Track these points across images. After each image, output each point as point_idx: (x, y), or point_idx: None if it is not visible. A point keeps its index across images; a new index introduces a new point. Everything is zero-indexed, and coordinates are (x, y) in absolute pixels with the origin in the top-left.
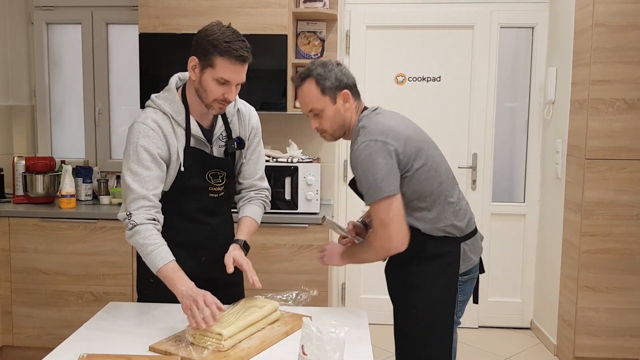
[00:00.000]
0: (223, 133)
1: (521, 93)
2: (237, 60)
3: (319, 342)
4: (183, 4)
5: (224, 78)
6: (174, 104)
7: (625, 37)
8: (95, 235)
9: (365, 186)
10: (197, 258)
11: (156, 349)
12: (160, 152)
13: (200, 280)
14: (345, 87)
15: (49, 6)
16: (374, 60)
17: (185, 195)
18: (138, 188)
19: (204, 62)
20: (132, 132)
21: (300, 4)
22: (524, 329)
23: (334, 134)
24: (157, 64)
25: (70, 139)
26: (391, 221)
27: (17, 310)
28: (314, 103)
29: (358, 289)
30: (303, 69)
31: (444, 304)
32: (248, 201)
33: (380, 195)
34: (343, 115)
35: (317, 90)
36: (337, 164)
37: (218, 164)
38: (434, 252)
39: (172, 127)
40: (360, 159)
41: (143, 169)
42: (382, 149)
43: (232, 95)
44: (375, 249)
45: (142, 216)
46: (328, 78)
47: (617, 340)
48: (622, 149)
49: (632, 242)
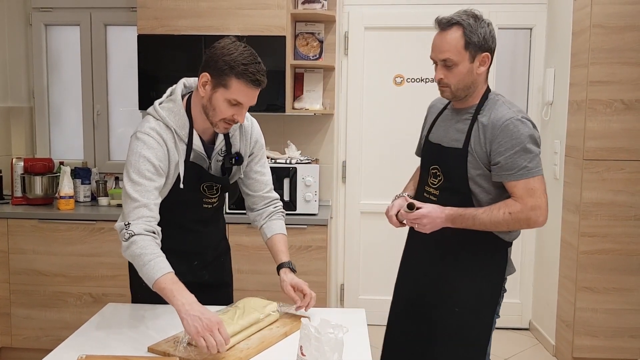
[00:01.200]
0: (223, 148)
1: (519, 94)
2: (253, 84)
3: (317, 343)
4: (181, 5)
5: (237, 100)
6: (178, 118)
7: (622, 38)
8: (93, 236)
9: (524, 159)
10: (189, 263)
11: (155, 350)
12: (162, 164)
13: (191, 284)
14: (488, 50)
15: (47, 7)
16: (373, 61)
17: (179, 206)
18: (139, 197)
19: (218, 80)
20: (136, 142)
21: (299, 5)
22: (523, 329)
23: (456, 92)
24: (156, 65)
25: (68, 140)
26: (544, 195)
27: (16, 312)
28: (452, 54)
29: (357, 290)
30: (452, 14)
31: (490, 304)
32: (269, 218)
33: (540, 171)
34: (475, 77)
35: (461, 41)
36: (336, 165)
37: (213, 176)
38: (486, 251)
39: (175, 141)
40: (521, 132)
41: (145, 180)
42: (535, 131)
43: (242, 117)
44: (518, 221)
45: (140, 227)
46: (477, 33)
47: (616, 340)
48: (620, 149)
49: (630, 242)
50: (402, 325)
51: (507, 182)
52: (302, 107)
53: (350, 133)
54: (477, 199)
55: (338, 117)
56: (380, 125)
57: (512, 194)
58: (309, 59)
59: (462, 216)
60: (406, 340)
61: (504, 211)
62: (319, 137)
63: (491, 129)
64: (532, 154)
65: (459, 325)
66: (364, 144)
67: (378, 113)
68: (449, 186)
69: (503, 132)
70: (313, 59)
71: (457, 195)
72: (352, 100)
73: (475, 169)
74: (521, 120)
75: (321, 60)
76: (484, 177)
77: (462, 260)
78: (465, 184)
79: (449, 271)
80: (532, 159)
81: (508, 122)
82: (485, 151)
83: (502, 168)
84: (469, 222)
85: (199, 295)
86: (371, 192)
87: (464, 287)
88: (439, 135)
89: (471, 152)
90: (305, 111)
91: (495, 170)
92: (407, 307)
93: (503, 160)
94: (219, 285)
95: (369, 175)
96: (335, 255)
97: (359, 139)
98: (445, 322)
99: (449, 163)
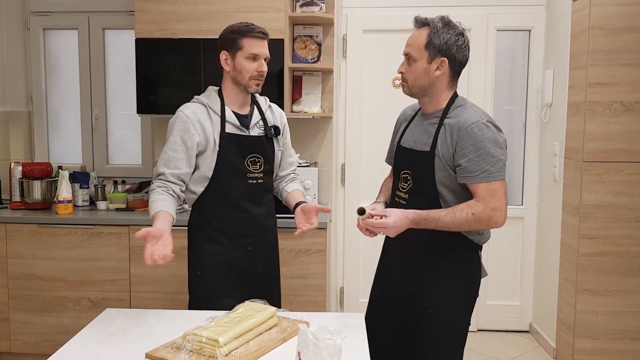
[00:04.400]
0: (260, 122)
1: (518, 96)
2: (259, 35)
3: (315, 349)
4: (179, 9)
5: (253, 53)
6: (210, 97)
7: (621, 40)
8: (92, 240)
9: (487, 162)
10: (244, 247)
11: (153, 356)
12: (193, 137)
13: (246, 270)
14: (447, 56)
15: (45, 12)
16: (371, 63)
17: (227, 179)
18: (160, 166)
19: (233, 48)
20: (173, 119)
21: (297, 8)
22: (523, 332)
23: (412, 89)
24: (154, 69)
25: (67, 144)
26: (504, 198)
27: (15, 317)
28: (413, 49)
29: (357, 293)
30: (433, 16)
31: (464, 306)
32: (292, 180)
33: (502, 175)
34: (431, 79)
35: (424, 40)
36: (335, 168)
37: (255, 146)
38: (458, 253)
39: (208, 114)
40: (485, 135)
41: (171, 151)
42: (500, 135)
43: (264, 67)
44: (480, 221)
45: (158, 189)
46: (440, 36)
47: (616, 343)
48: (620, 151)
49: (630, 244)
50: (379, 328)
51: (470, 183)
52: (301, 110)
53: (349, 136)
54: (444, 200)
55: (337, 119)
56: (379, 128)
57: (474, 195)
58: (308, 61)
59: (425, 220)
60: (385, 343)
61: (467, 212)
62: (317, 140)
63: (457, 132)
64: (495, 158)
65: (433, 326)
66: (363, 147)
67: (377, 115)
68: (417, 189)
69: (467, 135)
70: (311, 62)
71: (425, 197)
72: (350, 103)
73: (441, 171)
74: (486, 124)
75: (319, 63)
76: (451, 179)
77: (434, 263)
78: (432, 187)
79: (421, 274)
80: (495, 163)
81: (473, 125)
82: (451, 153)
83: (465, 170)
84: (432, 225)
85: (254, 286)
86: (370, 195)
87: (437, 290)
88: (410, 140)
89: (438, 155)
90: (303, 114)
91: (458, 172)
92: (381, 310)
93: (466, 162)
94: (270, 278)
95: (368, 178)
96: (335, 258)
97: (358, 141)
98: (419, 325)
99: (418, 167)
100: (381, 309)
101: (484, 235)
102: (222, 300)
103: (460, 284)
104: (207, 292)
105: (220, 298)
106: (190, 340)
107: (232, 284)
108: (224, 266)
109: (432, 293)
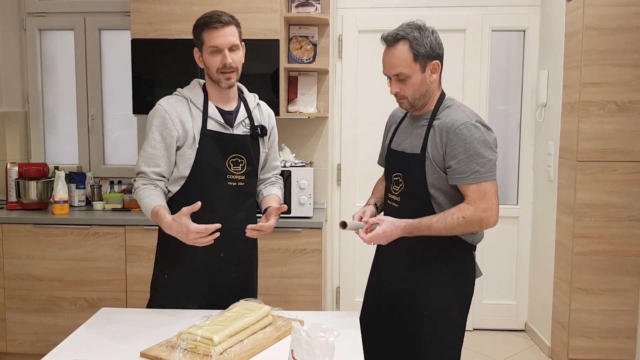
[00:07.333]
0: (246, 120)
1: (513, 96)
2: (216, 25)
3: (308, 347)
4: (175, 9)
5: (212, 45)
6: (193, 91)
7: (615, 40)
8: (88, 241)
9: (476, 163)
10: (216, 253)
11: (147, 354)
12: (172, 133)
13: (217, 277)
14: (437, 58)
15: (41, 12)
16: (367, 64)
17: (204, 180)
18: (141, 164)
19: (199, 44)
20: (152, 112)
21: (292, 8)
22: (518, 331)
23: (414, 102)
24: (150, 69)
25: (63, 144)
26: (495, 198)
27: (11, 317)
28: (403, 68)
29: (353, 293)
30: (396, 29)
31: (459, 307)
32: (271, 184)
33: (492, 175)
34: (428, 85)
35: (410, 54)
36: (331, 168)
37: (238, 145)
38: (453, 255)
39: (189, 108)
40: (474, 136)
41: (150, 148)
42: (489, 135)
43: (228, 59)
44: (471, 223)
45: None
46: (423, 44)
47: (611, 341)
48: (614, 151)
49: (624, 243)
50: (374, 331)
51: (460, 185)
52: (296, 110)
53: (344, 136)
54: (436, 202)
55: (332, 120)
56: (375, 128)
57: (465, 196)
58: (303, 62)
59: (417, 228)
60: (381, 346)
61: (458, 216)
62: (313, 140)
63: (446, 133)
64: (485, 158)
65: (429, 328)
66: (359, 147)
67: (372, 116)
68: (409, 192)
69: (456, 136)
70: (307, 62)
71: (417, 200)
72: (346, 103)
73: (432, 173)
74: (474, 125)
75: (315, 63)
76: (442, 181)
77: (429, 265)
78: (424, 189)
79: (415, 275)
80: (485, 163)
81: (462, 126)
82: (441, 155)
83: (455, 171)
84: (425, 232)
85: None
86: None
87: (432, 291)
88: (401, 143)
89: (428, 157)
90: (299, 114)
91: (449, 174)
92: (376, 313)
93: (455, 164)
94: (247, 287)
95: (363, 178)
96: (331, 258)
97: (354, 141)
98: (415, 327)
99: (409, 170)
100: (376, 312)
101: (478, 235)
102: (186, 305)
103: (455, 284)
104: (171, 296)
105: (185, 303)
106: (185, 339)
107: (200, 289)
108: (195, 270)
109: (427, 294)
